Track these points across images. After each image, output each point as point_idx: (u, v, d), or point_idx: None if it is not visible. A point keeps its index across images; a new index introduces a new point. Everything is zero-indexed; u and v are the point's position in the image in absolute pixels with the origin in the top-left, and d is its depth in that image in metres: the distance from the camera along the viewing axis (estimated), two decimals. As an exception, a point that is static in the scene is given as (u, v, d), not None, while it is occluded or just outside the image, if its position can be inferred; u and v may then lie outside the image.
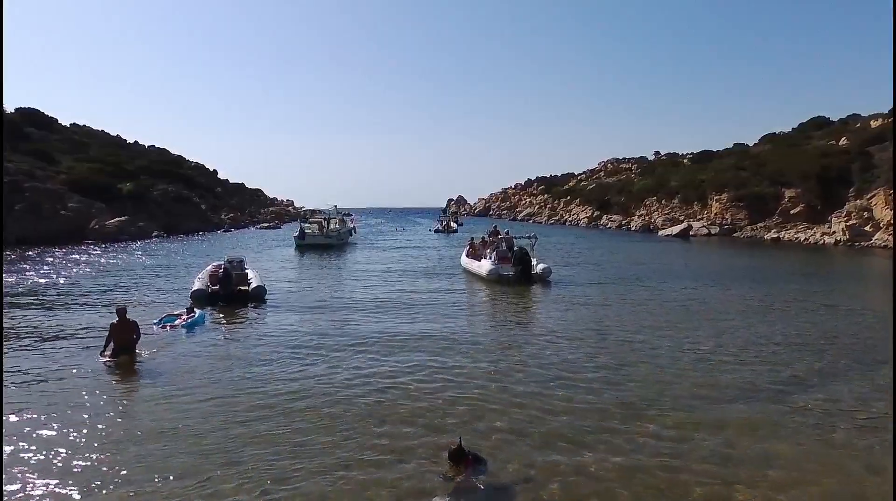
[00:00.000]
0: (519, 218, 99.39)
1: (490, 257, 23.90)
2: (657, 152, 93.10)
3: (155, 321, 14.33)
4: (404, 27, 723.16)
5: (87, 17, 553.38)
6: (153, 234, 49.13)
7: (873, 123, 54.87)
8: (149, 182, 58.77)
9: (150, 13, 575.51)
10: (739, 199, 53.08)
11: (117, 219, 47.41)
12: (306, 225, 43.80)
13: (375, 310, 16.68)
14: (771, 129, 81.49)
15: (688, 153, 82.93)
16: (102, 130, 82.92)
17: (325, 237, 41.80)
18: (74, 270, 25.95)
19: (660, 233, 56.21)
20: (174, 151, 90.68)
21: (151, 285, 21.73)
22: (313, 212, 48.67)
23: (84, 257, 31.00)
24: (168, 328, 13.79)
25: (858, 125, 58.05)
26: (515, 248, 23.82)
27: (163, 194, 58.38)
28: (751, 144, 71.77)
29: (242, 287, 18.05)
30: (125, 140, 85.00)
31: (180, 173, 71.32)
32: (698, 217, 57.59)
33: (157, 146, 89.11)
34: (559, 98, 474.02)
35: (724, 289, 20.90)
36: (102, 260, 30.11)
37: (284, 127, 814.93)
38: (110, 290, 20.21)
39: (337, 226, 45.12)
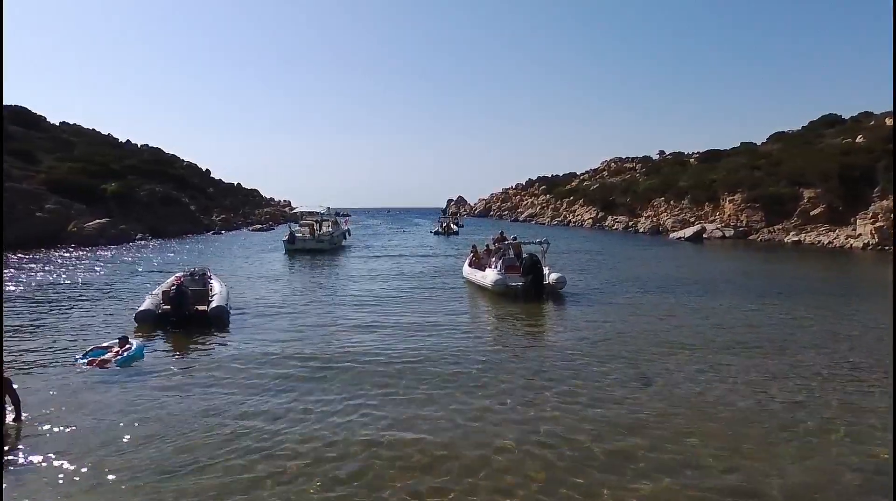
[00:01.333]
0: (521, 219, 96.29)
1: (495, 267, 21.20)
2: (662, 152, 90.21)
3: (78, 356, 11.46)
4: (404, 27, 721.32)
5: (86, 16, 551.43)
6: (136, 237, 46.45)
7: (888, 121, 52.21)
8: (136, 182, 56.07)
9: (149, 13, 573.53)
10: (754, 199, 50.27)
11: (97, 221, 44.56)
12: (296, 228, 41.14)
13: (357, 358, 11.92)
14: (774, 127, 79.00)
15: (693, 153, 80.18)
16: (93, 129, 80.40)
17: (317, 242, 39.01)
18: (14, 284, 21.89)
19: (671, 236, 53.44)
20: (175, 151, 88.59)
21: (95, 306, 17.79)
22: (310, 214, 45.63)
23: (39, 267, 27.59)
24: (96, 364, 10.94)
25: (873, 123, 55.41)
26: (524, 255, 21.09)
27: (149, 195, 55.62)
28: (758, 143, 69.16)
29: (201, 307, 14.95)
30: (116, 139, 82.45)
31: (171, 173, 68.69)
32: (710, 219, 54.84)
33: (151, 146, 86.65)
34: (559, 98, 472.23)
35: (777, 307, 17.56)
36: (60, 270, 26.94)
37: (284, 127, 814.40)
38: (41, 314, 16.46)
39: (329, 229, 42.27)
